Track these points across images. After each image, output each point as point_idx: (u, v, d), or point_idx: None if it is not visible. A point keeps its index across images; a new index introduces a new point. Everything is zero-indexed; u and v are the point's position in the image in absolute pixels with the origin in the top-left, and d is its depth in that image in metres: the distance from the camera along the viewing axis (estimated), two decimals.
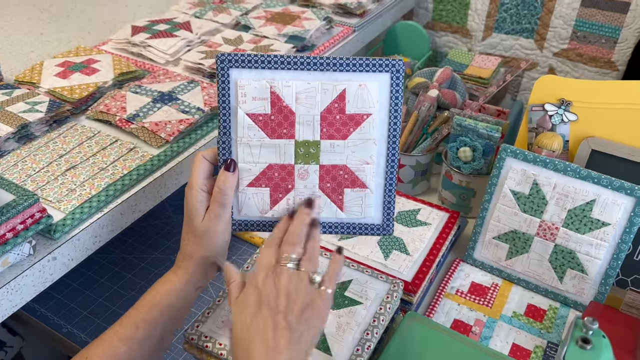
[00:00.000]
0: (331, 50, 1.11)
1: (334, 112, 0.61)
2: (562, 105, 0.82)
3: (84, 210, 0.69)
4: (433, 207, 0.91)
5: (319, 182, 0.62)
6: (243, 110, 0.62)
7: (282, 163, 0.62)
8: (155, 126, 0.81)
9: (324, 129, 0.61)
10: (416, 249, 0.83)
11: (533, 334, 0.77)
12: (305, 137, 0.62)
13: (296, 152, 0.62)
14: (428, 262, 0.81)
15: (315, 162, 0.62)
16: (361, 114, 0.61)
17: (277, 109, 0.61)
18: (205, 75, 0.96)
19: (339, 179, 0.62)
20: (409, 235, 0.85)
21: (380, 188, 0.63)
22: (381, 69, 0.60)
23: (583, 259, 0.77)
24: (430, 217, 0.89)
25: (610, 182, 0.75)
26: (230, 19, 1.14)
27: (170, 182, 0.79)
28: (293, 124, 0.61)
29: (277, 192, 0.63)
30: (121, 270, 0.90)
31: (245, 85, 0.61)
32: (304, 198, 0.62)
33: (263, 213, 0.63)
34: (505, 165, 0.81)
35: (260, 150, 0.62)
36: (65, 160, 0.76)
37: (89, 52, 0.99)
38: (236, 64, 0.61)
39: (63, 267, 0.66)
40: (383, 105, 0.61)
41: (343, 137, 0.61)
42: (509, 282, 0.84)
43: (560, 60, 1.33)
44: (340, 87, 0.61)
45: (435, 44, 1.46)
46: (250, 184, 0.63)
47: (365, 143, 0.61)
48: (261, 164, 0.63)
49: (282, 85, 0.61)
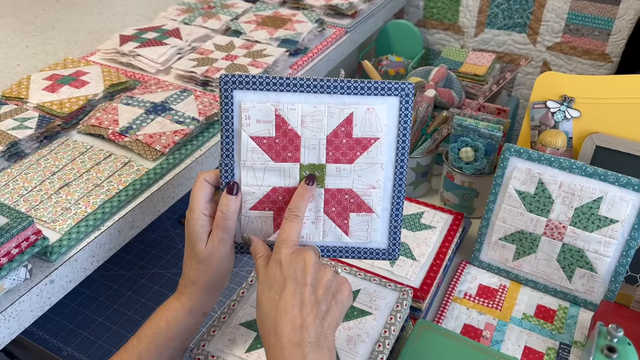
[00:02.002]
0: (325, 52, 1.10)
1: (340, 135, 0.59)
2: (565, 102, 0.80)
3: (81, 229, 0.66)
4: (436, 209, 0.90)
5: (324, 206, 0.61)
6: (247, 133, 0.60)
7: (287, 186, 0.61)
8: (149, 138, 0.79)
9: (330, 153, 0.60)
10: (422, 253, 0.81)
11: (544, 335, 0.75)
12: (311, 160, 0.60)
13: (301, 176, 0.60)
14: (435, 266, 0.79)
15: (320, 185, 0.60)
16: (368, 138, 0.59)
17: (282, 132, 0.60)
18: (198, 83, 0.94)
19: (345, 203, 0.60)
20: (414, 239, 0.84)
21: (387, 212, 0.61)
22: (390, 93, 0.59)
23: (592, 257, 0.76)
24: (434, 220, 0.87)
25: (617, 178, 0.73)
26: (220, 25, 1.12)
27: (167, 195, 0.76)
28: (298, 147, 0.60)
29: (281, 216, 0.61)
30: (120, 287, 0.87)
31: (249, 107, 0.59)
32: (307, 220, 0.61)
33: (266, 237, 0.61)
34: (509, 164, 0.79)
35: (264, 173, 0.61)
36: (58, 177, 0.74)
37: (77, 64, 0.97)
38: (240, 86, 0.59)
39: (61, 289, 0.64)
40: (391, 129, 0.60)
41: (349, 161, 0.60)
42: (517, 283, 0.83)
43: (554, 54, 1.32)
44: (347, 111, 0.59)
45: (428, 42, 1.45)
46: (254, 207, 0.61)
47: (372, 167, 0.60)
48: (265, 187, 0.61)
49: (287, 108, 0.59)
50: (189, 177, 0.80)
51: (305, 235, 0.61)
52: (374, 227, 0.61)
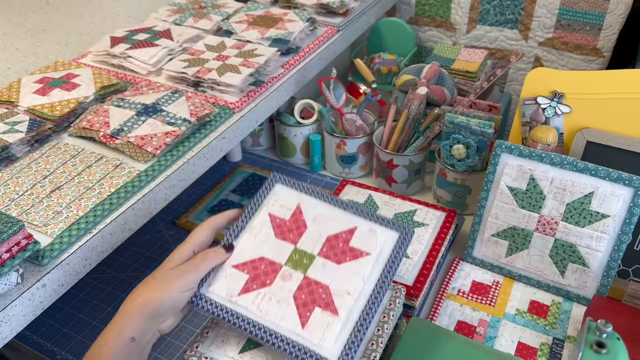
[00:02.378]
0: (316, 51, 1.10)
1: (339, 239, 0.66)
2: (555, 98, 0.81)
3: (72, 233, 0.66)
4: (429, 207, 0.90)
5: (295, 290, 0.63)
6: (267, 210, 0.70)
7: (273, 260, 0.66)
8: (140, 140, 0.79)
9: (325, 249, 0.66)
10: (415, 251, 0.81)
11: (538, 331, 0.76)
12: (305, 247, 0.66)
13: (290, 256, 0.65)
14: (428, 264, 0.79)
15: (302, 271, 0.64)
16: (361, 251, 0.65)
17: (295, 219, 0.69)
18: (189, 84, 0.94)
19: (315, 296, 0.62)
20: None
21: (351, 324, 0.60)
22: (392, 227, 0.67)
23: (584, 252, 0.77)
24: (427, 218, 0.87)
25: (607, 173, 0.74)
26: (211, 25, 1.12)
27: (159, 197, 0.76)
28: (301, 234, 0.67)
29: (254, 283, 0.64)
30: (114, 290, 0.87)
31: (281, 194, 0.72)
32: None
33: (229, 296, 0.63)
34: (500, 161, 0.79)
35: (262, 243, 0.67)
36: (50, 181, 0.73)
37: (67, 67, 0.96)
38: (282, 181, 0.73)
39: (54, 293, 0.64)
40: (383, 254, 0.65)
41: (338, 262, 0.64)
42: (510, 279, 0.83)
43: (545, 49, 1.33)
44: (353, 224, 0.68)
45: (420, 39, 1.45)
46: (236, 266, 0.66)
47: (354, 276, 0.63)
48: (255, 254, 0.66)
49: (308, 206, 0.70)
50: (181, 178, 0.80)
51: (263, 310, 0.62)
52: (332, 330, 0.60)
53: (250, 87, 0.94)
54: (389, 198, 0.92)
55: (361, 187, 0.97)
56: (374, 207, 0.91)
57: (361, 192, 0.95)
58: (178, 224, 0.99)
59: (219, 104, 0.90)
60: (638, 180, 0.73)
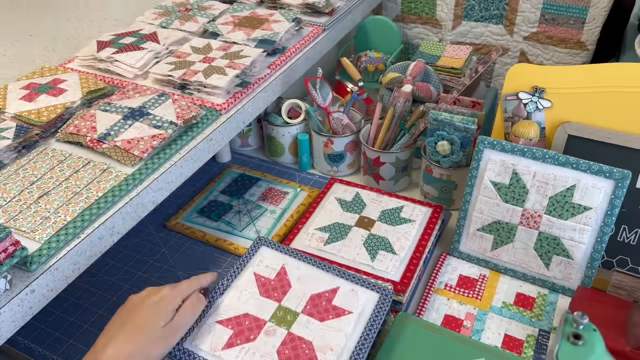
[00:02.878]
0: (302, 51, 1.10)
1: (322, 298, 0.70)
2: (536, 93, 0.82)
3: (60, 238, 0.67)
4: (416, 203, 0.91)
5: (279, 345, 0.64)
6: (253, 270, 0.74)
7: (257, 316, 0.68)
8: (127, 144, 0.79)
9: (308, 307, 0.69)
10: (402, 247, 0.82)
11: (524, 323, 0.77)
12: (289, 305, 0.69)
13: (275, 313, 0.68)
14: (415, 259, 0.80)
15: (286, 327, 0.66)
16: (344, 309, 0.68)
17: (280, 279, 0.73)
18: (176, 86, 0.94)
19: (299, 351, 0.64)
20: (394, 233, 0.85)
21: None
22: (373, 288, 0.71)
23: (568, 245, 0.78)
24: (414, 214, 0.88)
25: (589, 166, 0.75)
26: (197, 27, 1.12)
27: (147, 200, 0.77)
28: (285, 293, 0.71)
29: (237, 338, 0.65)
30: (105, 293, 0.88)
31: (266, 255, 0.76)
32: None
33: (213, 350, 0.64)
34: (483, 156, 0.80)
35: (247, 300, 0.70)
36: (37, 187, 0.74)
37: (54, 72, 0.97)
38: (267, 244, 0.78)
39: (43, 298, 0.64)
40: (365, 314, 0.68)
41: (321, 319, 0.67)
42: (496, 272, 0.84)
43: (530, 44, 1.34)
44: (335, 284, 0.72)
45: (407, 37, 1.46)
46: (220, 322, 0.68)
47: (337, 332, 0.65)
48: (240, 311, 0.69)
49: (293, 267, 0.74)
50: (169, 181, 0.80)
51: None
52: None
53: (237, 89, 0.95)
54: (376, 195, 0.94)
55: (349, 185, 0.98)
56: (361, 205, 0.92)
57: (349, 190, 0.96)
58: (168, 226, 1.00)
59: (205, 106, 0.91)
60: (619, 172, 0.74)
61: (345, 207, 0.92)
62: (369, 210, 0.91)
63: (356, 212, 0.91)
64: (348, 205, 0.92)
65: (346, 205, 0.92)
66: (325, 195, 0.96)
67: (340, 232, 0.87)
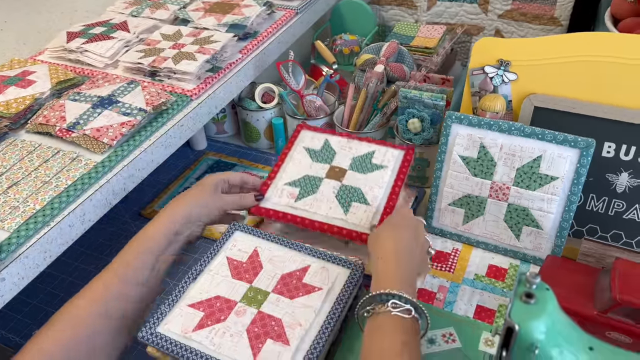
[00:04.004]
0: (275, 35, 1.10)
1: (293, 277, 0.70)
2: (502, 66, 0.82)
3: (30, 226, 0.67)
4: (388, 146, 0.87)
5: (249, 324, 0.65)
6: (226, 254, 0.75)
7: (228, 298, 0.68)
8: (96, 132, 0.80)
9: (279, 286, 0.69)
10: (375, 196, 0.81)
11: (496, 293, 0.78)
12: (260, 285, 0.70)
13: (245, 294, 0.69)
14: (389, 208, 0.79)
15: (256, 306, 0.67)
16: (313, 286, 0.69)
17: (252, 261, 0.73)
18: (146, 74, 0.94)
19: (268, 328, 0.64)
20: (366, 182, 0.83)
21: (302, 353, 0.62)
22: (344, 264, 0.72)
23: (536, 215, 0.79)
24: (385, 159, 0.85)
25: (554, 136, 0.76)
26: (168, 15, 1.12)
27: (118, 187, 0.77)
28: (257, 274, 0.71)
29: (208, 319, 0.66)
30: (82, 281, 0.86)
31: (239, 239, 0.77)
32: None
33: (184, 332, 0.65)
34: (451, 132, 0.81)
35: (218, 284, 0.70)
36: (6, 177, 0.74)
37: (23, 64, 0.96)
38: (241, 229, 0.78)
39: (14, 287, 0.65)
40: (334, 290, 0.69)
41: (291, 297, 0.68)
42: (469, 245, 0.85)
43: (505, 21, 1.34)
44: (307, 263, 0.72)
45: (383, 19, 1.46)
46: (192, 305, 0.68)
47: (307, 309, 0.66)
48: (212, 294, 0.69)
49: (265, 249, 0.75)
50: (140, 167, 0.81)
51: (216, 344, 0.63)
52: (283, 359, 0.62)
53: (208, 74, 0.95)
54: (346, 141, 0.89)
55: (316, 131, 0.92)
56: (331, 153, 0.88)
57: (317, 137, 0.91)
58: (144, 214, 1.00)
59: (176, 92, 0.91)
60: (583, 141, 0.75)
61: (314, 157, 0.87)
62: (339, 158, 0.87)
63: (326, 161, 0.86)
64: (317, 155, 0.88)
65: (315, 154, 0.88)
66: (293, 145, 0.91)
67: (311, 185, 0.84)
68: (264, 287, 0.69)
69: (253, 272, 0.71)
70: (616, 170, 0.79)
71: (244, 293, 0.68)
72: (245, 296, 0.68)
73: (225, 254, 0.74)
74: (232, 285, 0.69)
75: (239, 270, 0.71)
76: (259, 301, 0.67)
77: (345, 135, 0.91)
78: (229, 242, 0.76)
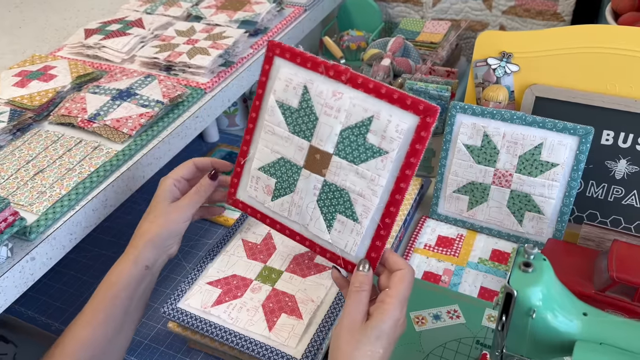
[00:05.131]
0: (284, 31, 1.14)
1: (305, 257, 0.73)
2: (504, 58, 0.86)
3: (56, 209, 0.71)
4: (395, 104, 0.57)
5: (264, 300, 0.69)
6: (241, 237, 0.78)
7: (244, 276, 0.73)
8: (116, 122, 0.83)
9: (292, 265, 0.73)
10: (366, 209, 0.60)
11: (499, 276, 0.81)
12: (274, 265, 0.73)
13: (260, 272, 0.73)
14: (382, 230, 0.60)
15: (270, 284, 0.71)
16: (325, 266, 0.72)
17: (266, 242, 0.76)
18: (162, 68, 0.98)
19: (282, 304, 0.68)
20: (356, 179, 0.60)
21: (314, 326, 0.66)
22: None
23: (538, 201, 0.82)
24: (387, 134, 0.57)
25: (554, 124, 0.79)
26: (181, 12, 1.16)
27: (137, 174, 0.81)
28: (271, 255, 0.75)
29: (226, 296, 0.70)
30: (101, 265, 0.92)
31: (253, 226, 0.78)
32: None
33: (203, 307, 0.69)
34: (456, 121, 0.84)
35: (235, 264, 0.74)
36: (33, 165, 0.78)
37: (44, 60, 1.00)
38: None
39: (42, 266, 0.69)
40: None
41: (303, 275, 0.72)
42: (473, 231, 0.88)
43: (509, 17, 1.37)
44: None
45: (389, 16, 1.49)
46: (210, 283, 0.73)
47: (318, 286, 0.70)
48: (228, 273, 0.74)
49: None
50: (158, 156, 0.84)
51: (234, 318, 0.68)
52: (296, 331, 0.65)
53: (221, 68, 0.98)
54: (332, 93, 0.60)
55: (294, 61, 0.63)
56: (311, 116, 0.62)
57: (294, 81, 0.62)
58: None
59: (190, 85, 0.95)
60: (582, 129, 0.78)
61: (290, 122, 0.63)
62: (321, 130, 0.60)
63: (305, 135, 0.62)
64: (293, 118, 0.62)
65: (291, 117, 0.62)
66: (265, 91, 0.65)
67: (288, 177, 0.64)
68: (277, 267, 0.72)
69: (267, 253, 0.75)
70: (615, 157, 0.82)
71: (258, 272, 0.72)
72: (260, 275, 0.71)
73: (240, 237, 0.78)
74: (247, 265, 0.73)
75: (253, 251, 0.75)
76: (273, 279, 0.71)
77: (332, 75, 0.60)
78: (244, 226, 0.79)
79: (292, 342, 0.64)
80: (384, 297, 0.54)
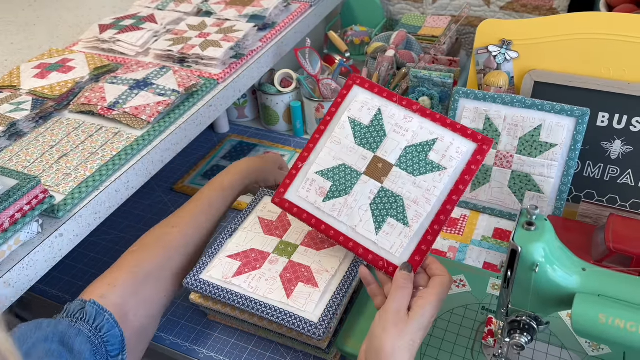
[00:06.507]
0: (291, 25, 1.18)
1: (319, 232, 0.73)
2: (504, 45, 0.90)
3: (82, 190, 0.75)
4: (457, 132, 0.66)
5: (282, 270, 0.73)
6: (257, 215, 0.83)
7: (262, 250, 0.77)
8: (135, 110, 0.87)
9: (306, 240, 0.77)
10: (418, 214, 0.65)
11: (501, 252, 0.85)
12: (290, 239, 0.77)
13: (277, 246, 0.77)
14: (430, 236, 0.64)
15: (287, 256, 0.75)
16: None
17: (281, 220, 0.81)
18: (176, 60, 1.02)
19: (299, 274, 0.72)
20: (413, 189, 0.66)
21: (329, 294, 0.70)
22: None
23: (538, 180, 0.86)
24: (448, 154, 0.65)
25: (552, 107, 0.83)
26: (191, 8, 1.20)
27: (156, 159, 0.85)
28: (286, 230, 0.79)
29: (245, 267, 0.74)
30: (121, 248, 0.95)
31: (268, 204, 0.84)
32: None
33: (224, 278, 0.73)
34: (459, 106, 0.89)
35: (253, 239, 0.79)
36: (57, 150, 0.82)
37: (62, 53, 1.04)
38: (269, 194, 0.86)
39: (70, 242, 0.73)
40: None
41: (318, 249, 0.75)
42: (476, 212, 0.92)
43: (507, 13, 1.42)
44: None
45: (390, 13, 1.54)
46: (230, 256, 0.77)
47: (333, 258, 0.74)
48: (247, 247, 0.78)
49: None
50: (175, 142, 0.88)
51: (254, 287, 0.72)
52: (313, 298, 0.70)
53: (232, 60, 1.03)
54: (403, 117, 0.68)
55: (372, 90, 0.71)
56: (379, 133, 0.69)
57: (369, 104, 0.71)
58: (175, 189, 1.08)
59: (204, 76, 0.99)
60: (579, 110, 0.82)
61: (358, 136, 0.69)
62: (387, 145, 0.68)
63: (371, 147, 0.69)
64: (363, 134, 0.69)
65: (361, 133, 0.69)
66: (338, 110, 0.73)
67: (346, 181, 0.69)
68: (293, 241, 0.76)
69: (282, 229, 0.78)
70: (610, 138, 0.86)
71: (275, 246, 0.76)
72: (277, 248, 0.75)
73: (256, 215, 0.82)
74: (264, 239, 0.77)
75: (269, 227, 0.79)
76: (289, 252, 0.75)
77: (405, 104, 0.69)
78: (260, 205, 0.83)
79: (309, 308, 0.68)
80: (424, 294, 0.59)
